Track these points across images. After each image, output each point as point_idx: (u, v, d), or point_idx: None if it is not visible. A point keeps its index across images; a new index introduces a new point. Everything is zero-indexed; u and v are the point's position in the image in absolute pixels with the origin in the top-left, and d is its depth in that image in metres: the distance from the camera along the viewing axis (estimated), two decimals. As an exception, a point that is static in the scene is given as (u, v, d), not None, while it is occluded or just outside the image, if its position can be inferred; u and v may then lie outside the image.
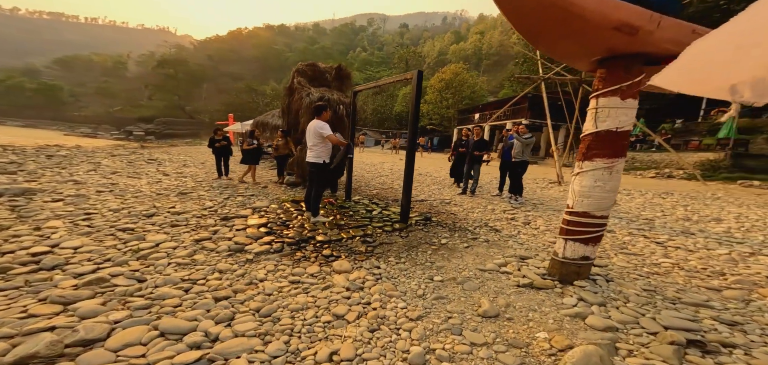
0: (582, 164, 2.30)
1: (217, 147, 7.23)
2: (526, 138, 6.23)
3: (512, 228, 4.32)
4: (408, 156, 4.05)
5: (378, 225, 4.26)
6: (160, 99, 64.70)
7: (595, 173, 2.21)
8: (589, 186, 2.25)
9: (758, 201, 7.30)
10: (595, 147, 2.19)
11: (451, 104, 38.00)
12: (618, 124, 2.09)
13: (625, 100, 2.06)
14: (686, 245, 3.64)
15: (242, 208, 4.74)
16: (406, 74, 4.18)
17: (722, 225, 4.61)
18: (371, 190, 6.96)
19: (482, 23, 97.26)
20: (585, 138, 2.29)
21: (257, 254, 3.17)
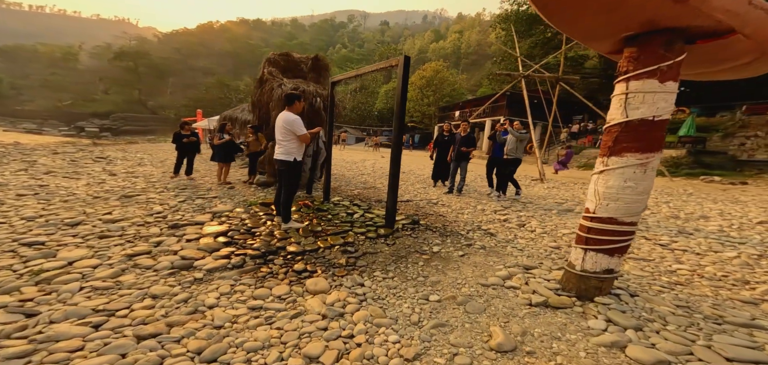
0: (607, 161, 1.92)
1: (184, 143, 6.35)
2: (521, 133, 5.96)
3: (507, 232, 3.97)
4: (394, 153, 3.56)
5: (360, 231, 3.75)
6: (117, 93, 60.00)
7: (625, 171, 1.83)
8: (617, 187, 1.87)
9: (727, 197, 7.55)
10: (626, 139, 1.81)
11: (432, 101, 38.09)
12: (655, 112, 1.71)
13: (664, 83, 1.69)
14: (691, 247, 3.44)
15: (200, 213, 4.04)
16: (391, 60, 3.69)
17: (712, 224, 4.55)
18: (352, 190, 6.42)
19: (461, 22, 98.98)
20: (611, 129, 1.91)
21: (210, 271, 2.56)
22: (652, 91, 1.71)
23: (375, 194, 6.26)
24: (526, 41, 22.85)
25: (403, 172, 10.69)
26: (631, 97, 1.78)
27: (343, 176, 8.59)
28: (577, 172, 14.51)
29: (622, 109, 1.82)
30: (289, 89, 4.97)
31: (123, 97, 59.14)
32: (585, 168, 15.73)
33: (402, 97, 3.42)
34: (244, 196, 5.27)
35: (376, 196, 6.02)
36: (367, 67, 4.08)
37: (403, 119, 3.45)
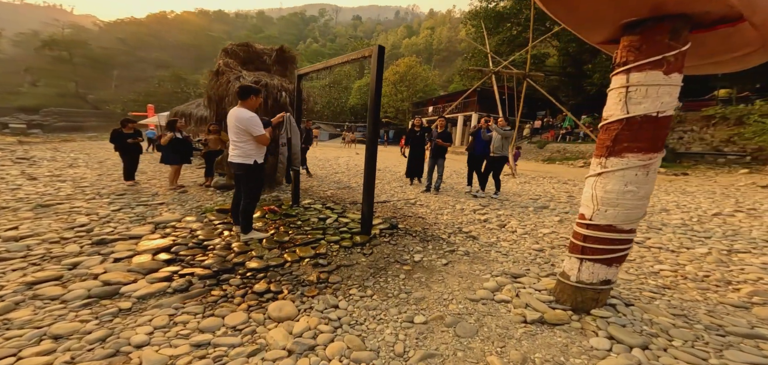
0: (606, 162, 1.74)
1: (128, 144, 5.45)
2: (506, 130, 5.88)
3: (489, 234, 3.82)
4: (369, 152, 3.23)
5: (334, 240, 3.39)
6: (49, 85, 53.23)
7: (625, 174, 1.66)
8: (617, 191, 1.70)
9: (675, 188, 8.15)
10: (627, 138, 1.63)
11: (406, 97, 38.15)
12: (659, 107, 1.54)
13: (670, 75, 1.52)
14: (664, 244, 3.50)
15: (138, 224, 3.43)
16: (364, 51, 3.34)
17: (674, 217, 4.76)
18: (325, 191, 5.99)
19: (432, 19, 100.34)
20: (609, 127, 1.72)
21: (142, 299, 2.09)
22: (656, 84, 1.53)
23: (350, 195, 5.89)
24: (494, 38, 23.45)
25: (378, 169, 10.39)
26: (632, 90, 1.60)
27: (315, 175, 8.09)
28: (543, 165, 15.15)
29: (622, 104, 1.64)
30: (249, 82, 4.42)
31: (56, 90, 52.54)
32: (548, 161, 16.50)
33: (377, 90, 3.08)
34: (199, 202, 4.64)
35: (351, 197, 5.65)
36: (338, 58, 3.69)
37: (377, 114, 3.12)
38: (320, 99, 51.25)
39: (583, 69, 21.33)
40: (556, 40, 22.86)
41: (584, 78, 20.87)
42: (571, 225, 4.14)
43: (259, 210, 4.13)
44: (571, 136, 18.38)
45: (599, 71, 19.17)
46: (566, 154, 16.50)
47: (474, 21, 25.01)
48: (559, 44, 23.06)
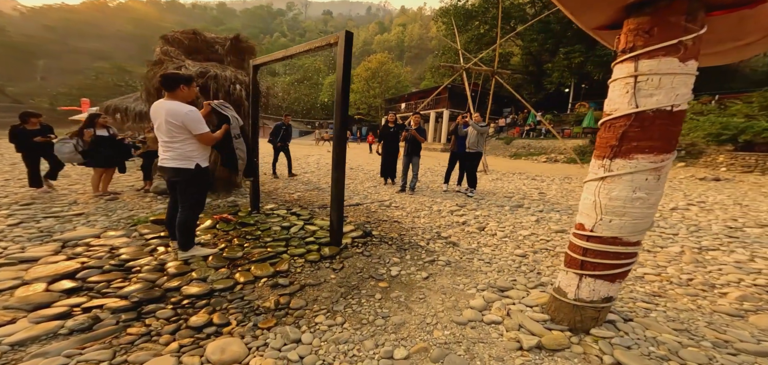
0: (610, 164, 1.50)
1: (34, 144, 4.48)
2: (482, 126, 5.74)
3: (469, 239, 3.58)
4: (337, 153, 2.81)
5: (298, 253, 2.94)
6: None
7: (634, 178, 1.43)
8: (624, 199, 1.47)
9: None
10: (636, 136, 1.40)
11: (378, 93, 37.81)
12: (674, 99, 1.32)
13: (686, 63, 1.29)
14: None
15: (39, 244, 2.71)
16: (329, 38, 2.91)
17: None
18: (291, 194, 5.45)
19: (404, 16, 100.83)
20: (614, 124, 1.49)
21: (19, 345, 1.54)
22: (670, 73, 1.31)
23: (319, 197, 5.41)
24: (463, 36, 23.87)
25: (351, 168, 9.93)
26: (642, 80, 1.37)
27: (282, 176, 7.45)
28: (511, 161, 15.63)
29: (631, 97, 1.40)
30: (192, 72, 3.75)
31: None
32: (515, 157, 17.10)
33: (344, 82, 2.68)
34: (132, 211, 3.90)
35: (321, 200, 5.18)
36: (300, 46, 3.21)
37: (345, 109, 2.72)
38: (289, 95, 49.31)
39: (543, 68, 22.42)
40: (519, 39, 23.80)
41: (544, 76, 21.95)
42: (548, 226, 4.06)
43: (208, 219, 3.54)
44: (534, 133, 19.22)
45: (557, 70, 20.24)
46: (530, 150, 17.20)
47: (445, 18, 25.28)
48: (523, 43, 24.04)
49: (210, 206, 4.33)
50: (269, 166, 7.99)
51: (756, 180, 8.91)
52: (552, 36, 20.87)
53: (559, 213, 4.68)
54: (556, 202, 5.53)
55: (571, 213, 4.72)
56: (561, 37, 20.68)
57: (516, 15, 21.89)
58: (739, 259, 2.92)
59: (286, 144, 7.50)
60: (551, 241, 3.49)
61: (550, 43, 21.47)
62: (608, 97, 1.55)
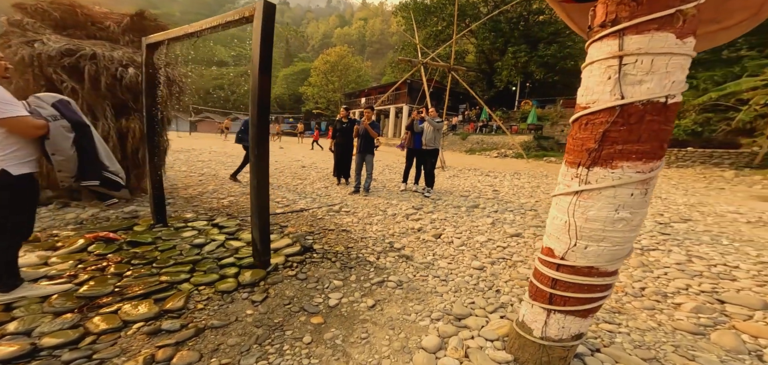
0: (588, 175, 1.15)
1: None
2: (437, 122, 5.42)
3: (424, 249, 3.21)
4: (256, 153, 2.19)
5: (206, 281, 2.28)
6: None
7: (618, 194, 1.09)
8: (604, 219, 1.13)
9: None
10: (622, 137, 1.06)
11: (338, 88, 36.62)
12: (669, 88, 0.99)
13: (684, 39, 0.96)
14: None
15: None
16: (244, 10, 2.26)
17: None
18: (220, 201, 4.61)
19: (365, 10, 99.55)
20: (591, 120, 1.13)
21: None
22: (665, 52, 0.97)
23: (257, 204, 4.65)
24: (422, 32, 24.00)
25: (303, 166, 9.13)
26: (629, 63, 1.02)
27: (211, 178, 6.44)
28: (466, 156, 16.02)
29: (613, 85, 1.05)
30: (55, 49, 2.75)
31: None
32: (470, 152, 17.63)
33: (262, 63, 2.06)
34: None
35: (258, 208, 4.44)
36: (207, 21, 2.49)
37: (265, 98, 2.11)
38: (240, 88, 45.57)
39: (494, 66, 23.53)
40: (473, 37, 24.63)
41: (495, 74, 23.04)
42: (503, 229, 3.87)
43: (80, 238, 2.66)
44: (486, 129, 20.04)
45: (506, 69, 21.32)
46: (484, 146, 17.88)
47: (404, 13, 25.18)
48: (476, 41, 24.94)
49: (94, 219, 3.37)
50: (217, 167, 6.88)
51: (663, 172, 10.13)
52: (502, 35, 21.88)
53: (513, 214, 4.57)
54: (508, 201, 5.48)
55: (523, 213, 4.64)
56: (509, 37, 21.77)
57: (470, 13, 22.54)
58: (678, 260, 2.95)
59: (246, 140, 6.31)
60: (508, 248, 3.27)
61: (500, 42, 22.50)
62: (582, 84, 1.20)
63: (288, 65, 50.90)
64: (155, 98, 2.83)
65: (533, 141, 16.96)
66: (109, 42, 3.59)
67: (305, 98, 39.21)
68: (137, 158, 3.35)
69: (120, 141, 3.38)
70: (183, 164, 8.08)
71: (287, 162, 10.21)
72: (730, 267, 2.72)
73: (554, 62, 20.37)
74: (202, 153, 11.33)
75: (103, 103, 3.23)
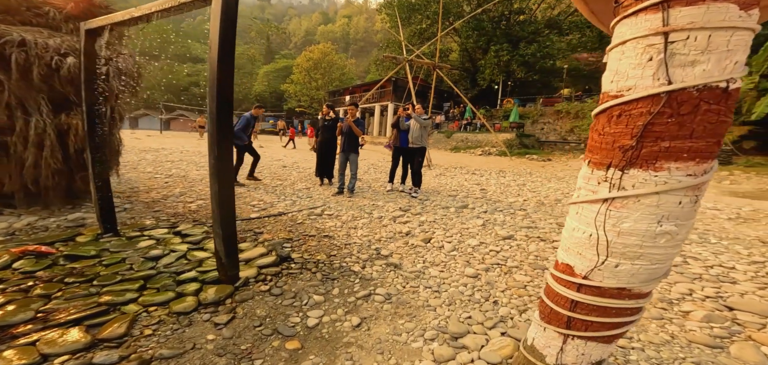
0: (621, 178, 0.93)
1: None
2: (424, 119, 5.21)
3: (414, 255, 2.97)
4: (216, 154, 1.86)
5: (160, 301, 1.94)
6: None
7: (663, 202, 0.89)
8: (643, 233, 0.92)
9: (550, 174, 9.34)
10: (669, 132, 0.85)
11: (321, 85, 35.87)
12: (731, 71, 0.79)
13: (748, 11, 0.76)
14: None
15: None
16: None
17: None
18: (186, 205, 4.17)
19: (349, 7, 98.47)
20: (627, 112, 0.92)
21: None
22: (726, 27, 0.77)
23: (230, 208, 4.24)
24: (406, 30, 23.85)
25: (284, 166, 8.69)
26: (679, 41, 0.80)
27: (184, 179, 5.93)
28: (451, 154, 16.03)
29: (657, 68, 0.84)
30: None
31: None
32: (455, 150, 17.68)
33: (223, 51, 1.73)
34: None
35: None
36: (161, 1, 2.11)
37: (227, 90, 1.78)
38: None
39: (477, 64, 23.78)
40: (457, 36, 24.76)
41: (478, 72, 23.28)
42: (495, 231, 3.71)
43: (5, 252, 2.21)
44: (470, 127, 20.19)
45: (489, 67, 21.57)
46: (468, 143, 17.99)
47: (389, 10, 24.95)
48: (460, 39, 25.08)
49: (30, 229, 2.89)
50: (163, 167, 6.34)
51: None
52: (484, 34, 22.10)
53: (503, 214, 4.43)
54: (497, 200, 5.36)
55: (512, 213, 4.52)
56: (492, 35, 22.03)
57: (454, 11, 22.60)
58: (674, 261, 2.88)
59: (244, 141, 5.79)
60: (501, 252, 3.09)
61: (483, 41, 22.74)
62: (610, 69, 0.98)
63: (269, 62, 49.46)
64: (98, 91, 2.41)
65: (516, 139, 17.22)
66: (49, 29, 3.08)
67: (287, 96, 38.14)
68: (83, 158, 2.90)
69: (60, 139, 2.91)
70: (149, 165, 7.45)
71: (267, 161, 9.70)
72: (727, 269, 2.67)
73: (534, 61, 20.79)
74: (173, 152, 10.57)
75: (37, 96, 2.75)
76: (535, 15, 23.70)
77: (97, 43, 2.30)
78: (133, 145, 12.47)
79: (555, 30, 21.64)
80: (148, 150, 10.80)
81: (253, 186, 5.69)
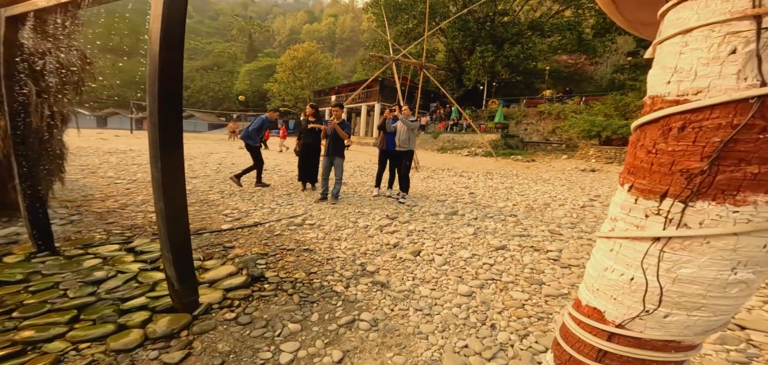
0: (683, 212, 0.70)
1: None
2: (412, 121, 4.96)
3: (402, 271, 2.71)
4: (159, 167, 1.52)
5: (95, 336, 1.60)
6: None
7: (742, 245, 0.67)
8: (709, 281, 0.70)
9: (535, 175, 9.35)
10: (760, 154, 0.61)
11: (306, 84, 35.10)
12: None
13: None
14: (580, 258, 3.19)
15: None
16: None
17: (559, 211, 4.90)
18: (148, 215, 3.73)
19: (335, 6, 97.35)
20: (689, 123, 0.68)
21: None
22: None
23: (198, 217, 3.83)
24: (393, 30, 23.68)
25: (266, 169, 8.21)
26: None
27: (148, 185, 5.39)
28: (438, 155, 15.95)
29: (744, 64, 0.62)
30: None
31: None
32: (441, 151, 17.66)
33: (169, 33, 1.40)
34: None
35: (201, 222, 3.63)
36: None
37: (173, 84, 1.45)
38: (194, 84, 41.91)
39: (463, 65, 23.96)
40: (443, 36, 24.84)
41: (464, 73, 23.46)
42: (486, 240, 3.52)
43: None
44: (456, 127, 20.27)
45: (474, 68, 21.77)
46: (454, 144, 18.02)
47: (375, 9, 24.69)
48: (446, 40, 25.19)
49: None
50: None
51: (618, 169, 10.78)
52: (470, 35, 22.27)
53: (494, 221, 4.26)
54: (486, 205, 5.20)
55: (503, 219, 4.36)
56: (477, 36, 22.23)
57: (440, 11, 22.63)
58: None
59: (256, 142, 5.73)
60: (495, 265, 2.89)
61: (468, 42, 22.91)
62: (663, 66, 0.76)
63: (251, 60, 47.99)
64: (12, 80, 1.99)
65: (501, 139, 17.38)
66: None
67: (271, 95, 37.05)
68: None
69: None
70: (112, 168, 6.82)
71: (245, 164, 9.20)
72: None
73: (518, 62, 21.13)
74: (141, 154, 9.84)
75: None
76: (519, 17, 24.12)
77: (20, 32, 1.89)
78: (97, 146, 11.54)
79: (537, 31, 22.11)
80: (114, 151, 10.02)
81: (228, 193, 5.26)
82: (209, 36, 68.22)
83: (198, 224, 3.55)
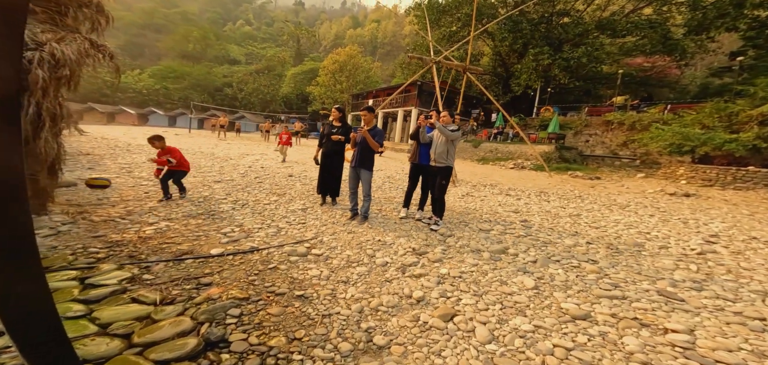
0: None
1: None
2: (452, 130, 3.98)
3: (427, 351, 1.82)
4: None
5: None
6: None
7: None
8: None
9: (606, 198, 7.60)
10: None
11: (345, 88, 35.56)
12: None
13: None
14: (725, 331, 1.98)
15: None
16: None
17: (670, 254, 3.53)
18: (142, 229, 3.32)
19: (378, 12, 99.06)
20: None
21: None
22: None
23: (193, 237, 3.33)
24: (435, 33, 22.66)
25: (289, 175, 7.85)
26: None
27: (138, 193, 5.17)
28: (479, 166, 14.46)
29: None
30: None
31: None
32: (482, 161, 16.05)
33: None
34: None
35: (193, 244, 3.12)
36: None
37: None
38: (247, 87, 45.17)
39: (511, 70, 21.93)
40: (490, 38, 23.09)
41: (511, 78, 21.44)
42: (556, 299, 2.45)
43: None
44: (501, 136, 18.45)
45: (525, 72, 19.69)
46: (498, 154, 16.31)
47: (418, 11, 24.01)
48: (493, 43, 23.39)
49: None
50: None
51: (721, 195, 8.42)
52: (522, 36, 20.29)
53: (562, 267, 3.12)
54: (546, 240, 4.00)
55: (576, 266, 3.18)
56: (530, 38, 20.17)
57: (488, 13, 21.05)
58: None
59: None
60: (576, 349, 1.85)
61: (519, 44, 20.93)
62: None
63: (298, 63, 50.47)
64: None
65: (555, 151, 15.27)
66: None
67: (312, 98, 38.25)
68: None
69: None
70: (147, 168, 6.93)
71: (274, 168, 8.99)
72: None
73: (579, 66, 18.61)
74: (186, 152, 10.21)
75: None
76: (583, 16, 21.47)
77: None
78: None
79: (608, 31, 19.33)
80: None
81: (241, 203, 4.82)
82: (264, 42, 73.95)
83: (187, 245, 3.03)
